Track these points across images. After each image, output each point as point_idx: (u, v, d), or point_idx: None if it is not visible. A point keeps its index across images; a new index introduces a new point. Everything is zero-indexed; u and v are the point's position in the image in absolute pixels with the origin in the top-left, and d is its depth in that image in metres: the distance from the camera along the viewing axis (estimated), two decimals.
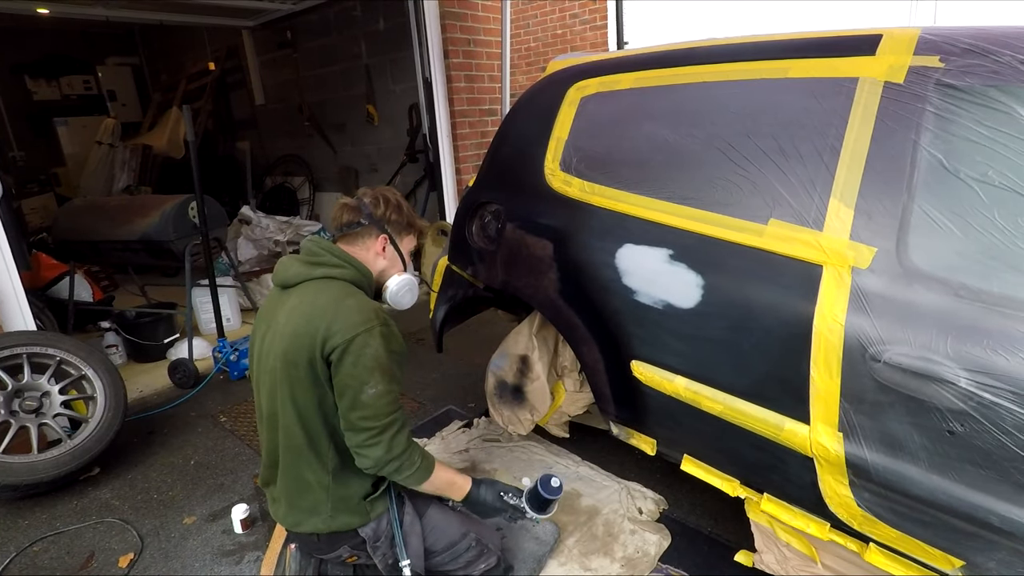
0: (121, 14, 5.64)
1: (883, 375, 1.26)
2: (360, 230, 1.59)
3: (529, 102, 2.19)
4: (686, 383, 1.67)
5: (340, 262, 1.53)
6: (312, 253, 1.54)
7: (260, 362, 1.53)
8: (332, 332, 1.38)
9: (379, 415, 1.42)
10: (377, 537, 1.56)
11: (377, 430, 1.42)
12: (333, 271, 1.51)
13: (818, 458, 1.41)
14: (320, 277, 1.50)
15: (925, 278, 1.24)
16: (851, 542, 1.50)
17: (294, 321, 1.44)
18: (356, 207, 1.59)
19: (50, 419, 2.52)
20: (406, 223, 1.65)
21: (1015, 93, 1.19)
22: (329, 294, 1.46)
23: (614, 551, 1.95)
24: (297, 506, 1.53)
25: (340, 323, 1.39)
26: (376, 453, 1.43)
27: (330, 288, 1.48)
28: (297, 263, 1.54)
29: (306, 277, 1.51)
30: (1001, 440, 1.13)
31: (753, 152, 1.52)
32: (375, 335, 1.41)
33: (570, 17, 6.94)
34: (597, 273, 1.82)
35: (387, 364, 1.43)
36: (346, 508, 1.52)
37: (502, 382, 2.39)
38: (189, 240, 3.65)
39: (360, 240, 1.60)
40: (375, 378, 1.40)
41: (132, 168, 6.78)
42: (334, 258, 1.53)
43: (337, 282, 1.50)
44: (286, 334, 1.44)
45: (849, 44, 1.43)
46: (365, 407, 1.41)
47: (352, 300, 1.45)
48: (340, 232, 1.60)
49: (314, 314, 1.42)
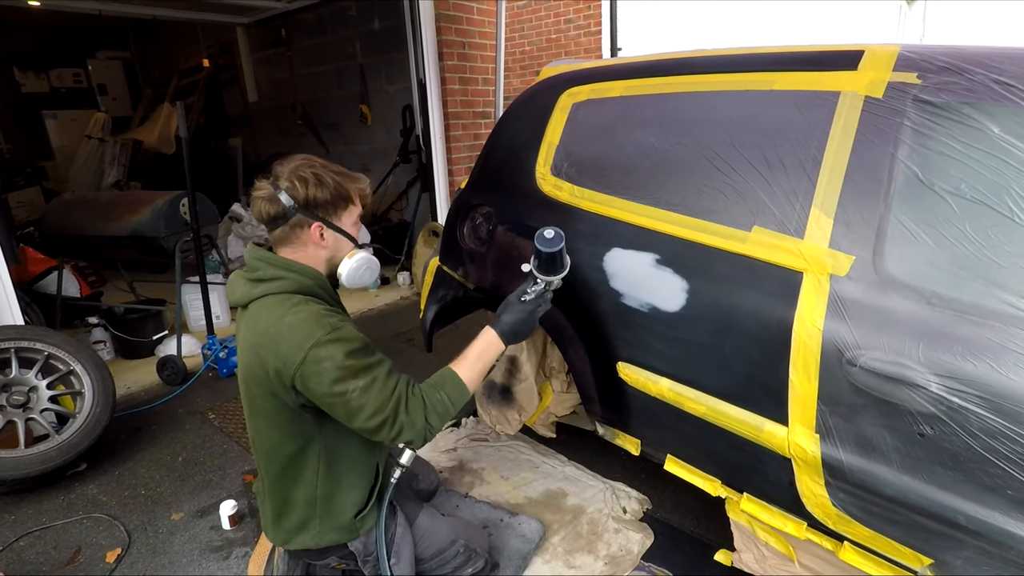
0: (114, 8, 5.62)
1: (858, 379, 1.30)
2: (289, 223, 1.40)
3: (522, 107, 2.22)
4: (670, 385, 1.70)
5: (278, 273, 1.39)
6: (251, 268, 1.42)
7: (239, 383, 1.49)
8: (282, 360, 1.30)
9: (379, 408, 1.33)
10: (368, 552, 1.56)
11: (387, 420, 1.34)
12: (271, 286, 1.38)
13: (796, 459, 1.45)
14: (261, 296, 1.39)
15: (900, 286, 1.28)
16: (827, 541, 1.54)
17: (247, 354, 1.37)
18: (272, 197, 1.38)
19: (37, 414, 2.52)
20: (336, 196, 1.43)
21: (988, 111, 1.23)
22: (268, 317, 1.35)
23: (598, 549, 1.99)
24: (285, 526, 1.52)
25: (285, 348, 1.30)
26: (406, 435, 1.36)
27: (270, 309, 1.36)
28: (242, 281, 1.43)
29: (249, 298, 1.40)
30: (968, 443, 1.18)
31: (738, 161, 1.56)
32: (325, 346, 1.30)
33: (565, 22, 6.99)
34: (585, 276, 1.86)
35: (352, 364, 1.32)
36: (335, 526, 1.51)
37: (491, 382, 2.42)
38: (180, 237, 3.65)
39: (294, 235, 1.42)
40: (349, 383, 1.31)
41: (122, 163, 6.75)
42: (272, 269, 1.40)
43: (276, 298, 1.38)
44: (244, 367, 1.40)
45: (832, 59, 1.48)
46: (360, 411, 1.32)
47: (291, 317, 1.33)
48: (270, 230, 1.43)
49: (259, 343, 1.34)
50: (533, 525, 2.07)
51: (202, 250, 3.53)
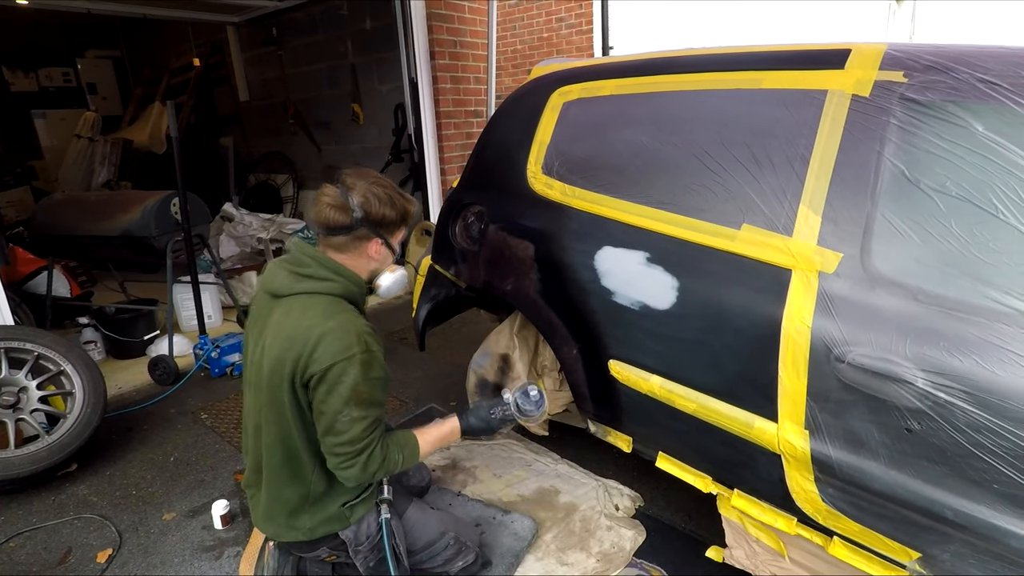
0: (103, 6, 5.58)
1: (847, 375, 1.31)
2: (352, 235, 1.46)
3: (513, 106, 2.22)
4: (661, 382, 1.71)
5: (327, 275, 1.45)
6: (299, 263, 1.46)
7: (249, 370, 1.52)
8: (312, 359, 1.35)
9: (353, 440, 1.40)
10: (359, 541, 1.58)
11: (352, 454, 1.41)
12: (320, 285, 1.44)
13: (785, 455, 1.46)
14: (305, 292, 1.43)
15: (887, 283, 1.29)
16: (816, 536, 1.56)
17: (278, 343, 1.40)
18: (343, 207, 1.42)
19: (27, 415, 2.50)
20: (399, 218, 1.51)
21: (972, 109, 1.25)
22: (313, 315, 1.39)
23: (590, 546, 2.00)
24: (277, 520, 1.54)
25: (321, 350, 1.35)
26: (353, 473, 1.43)
27: (315, 307, 1.41)
28: (284, 273, 1.47)
29: (292, 291, 1.44)
30: (955, 437, 1.19)
31: (728, 159, 1.57)
32: (354, 363, 1.36)
33: (556, 21, 7.00)
34: (577, 274, 1.87)
35: (364, 391, 1.38)
36: (326, 519, 1.54)
37: (483, 380, 2.42)
38: (171, 236, 3.63)
39: (352, 245, 1.48)
40: (349, 407, 1.37)
41: (112, 163, 6.70)
42: (322, 269, 1.45)
43: (323, 298, 1.43)
44: (271, 356, 1.41)
45: (819, 58, 1.49)
46: (339, 433, 1.39)
47: (335, 322, 1.38)
48: (327, 234, 1.47)
49: (296, 337, 1.37)
50: (526, 523, 2.08)
51: (193, 250, 3.51)
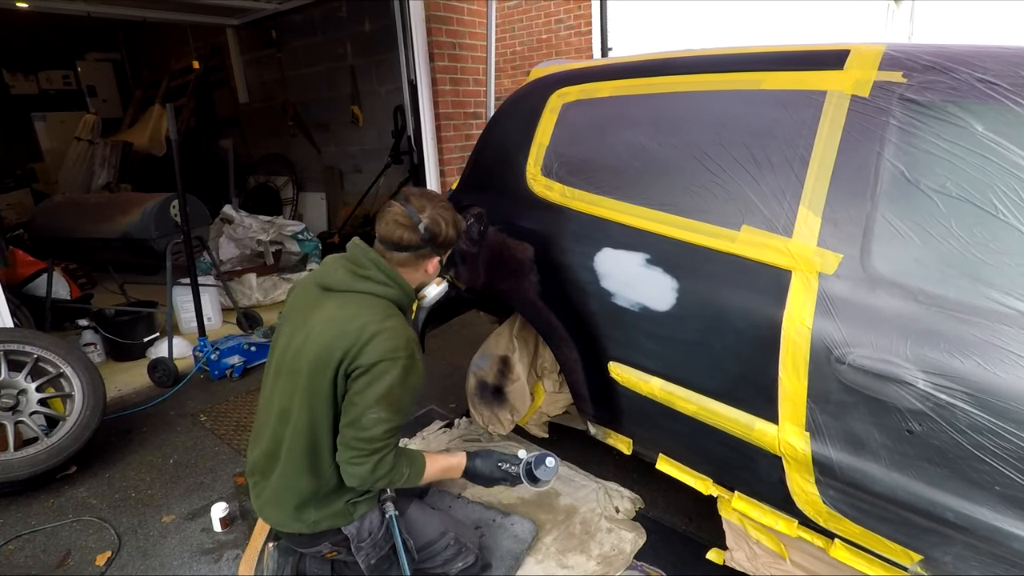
0: (103, 9, 5.58)
1: (847, 377, 1.31)
2: (417, 252, 1.57)
3: (512, 107, 2.22)
4: (661, 384, 1.71)
5: (387, 280, 1.53)
6: (359, 264, 1.54)
7: (284, 355, 1.54)
8: (363, 351, 1.41)
9: (373, 439, 1.44)
10: (361, 538, 1.59)
11: (366, 452, 1.45)
12: (377, 288, 1.52)
13: (786, 457, 1.46)
14: (363, 292, 1.51)
15: (887, 284, 1.29)
16: (817, 538, 1.55)
17: (330, 332, 1.45)
18: (413, 227, 1.53)
19: (26, 417, 2.49)
20: (457, 238, 1.64)
21: (972, 109, 1.25)
22: (370, 313, 1.46)
23: (591, 549, 1.99)
24: (284, 508, 1.54)
25: (372, 345, 1.41)
26: (361, 471, 1.46)
27: (372, 306, 1.48)
28: (343, 270, 1.54)
29: (349, 288, 1.51)
30: (956, 439, 1.19)
31: (727, 160, 1.57)
32: (399, 365, 1.43)
33: (555, 22, 7.00)
34: (576, 276, 1.86)
35: (398, 395, 1.45)
36: (331, 513, 1.55)
37: (483, 382, 2.42)
38: (171, 239, 3.62)
39: (415, 261, 1.59)
40: (382, 405, 1.43)
41: (112, 165, 6.69)
42: (381, 274, 1.53)
43: (379, 300, 1.51)
44: (320, 343, 1.45)
45: (818, 58, 1.49)
46: (363, 428, 1.43)
47: (390, 324, 1.45)
48: (392, 250, 1.56)
49: (350, 331, 1.43)
50: (526, 525, 2.08)
51: (193, 252, 3.51)
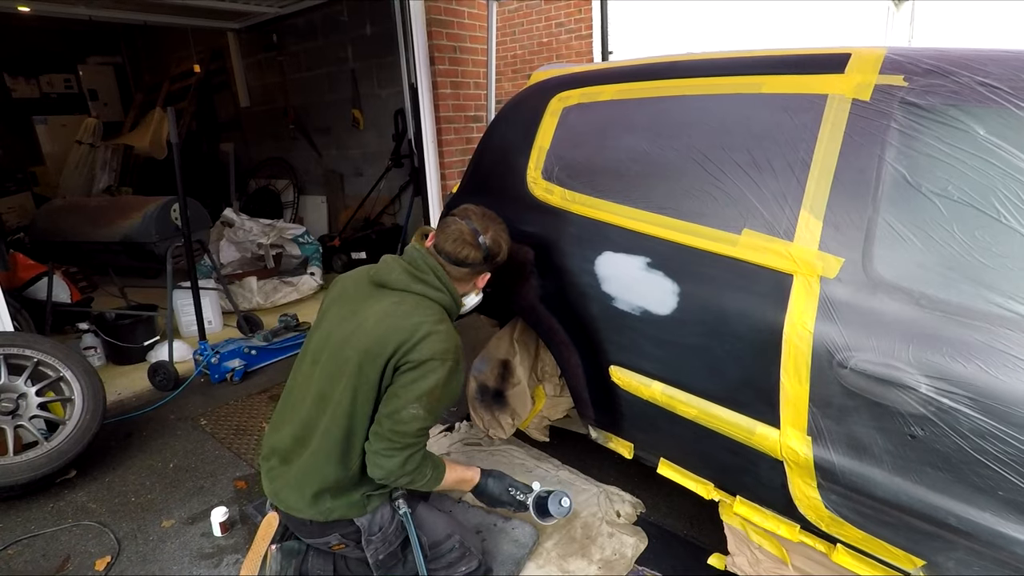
0: (105, 13, 5.59)
1: (849, 381, 1.30)
2: (475, 269, 1.68)
3: (512, 111, 2.22)
4: (662, 388, 1.70)
5: (442, 287, 1.63)
6: (418, 268, 1.63)
7: (326, 342, 1.58)
8: (416, 347, 1.47)
9: (407, 434, 1.50)
10: (372, 531, 1.61)
11: (400, 446, 1.50)
12: (432, 292, 1.61)
13: (788, 461, 1.45)
14: (418, 293, 1.59)
15: (889, 288, 1.29)
16: (819, 543, 1.54)
17: (386, 325, 1.51)
18: (477, 246, 1.65)
19: (26, 421, 2.49)
20: (507, 257, 1.76)
21: (973, 113, 1.24)
22: (426, 314, 1.54)
23: (592, 553, 1.98)
24: (303, 493, 1.55)
25: (426, 344, 1.48)
26: (390, 465, 1.50)
27: (426, 308, 1.57)
28: (400, 270, 1.63)
29: (405, 288, 1.60)
30: (959, 444, 1.18)
31: (728, 164, 1.57)
32: (446, 367, 1.50)
33: (556, 26, 7.01)
34: (577, 280, 1.86)
35: (439, 396, 1.51)
36: (346, 503, 1.57)
37: (484, 386, 2.42)
38: (171, 242, 3.62)
39: (470, 277, 1.70)
40: (422, 402, 1.48)
41: (113, 168, 6.70)
42: (437, 281, 1.62)
43: (433, 304, 1.60)
44: (373, 335, 1.50)
45: (819, 62, 1.49)
46: (400, 422, 1.48)
47: (443, 327, 1.53)
48: (452, 263, 1.65)
49: (406, 327, 1.50)
50: (527, 530, 2.07)
51: (193, 255, 3.51)
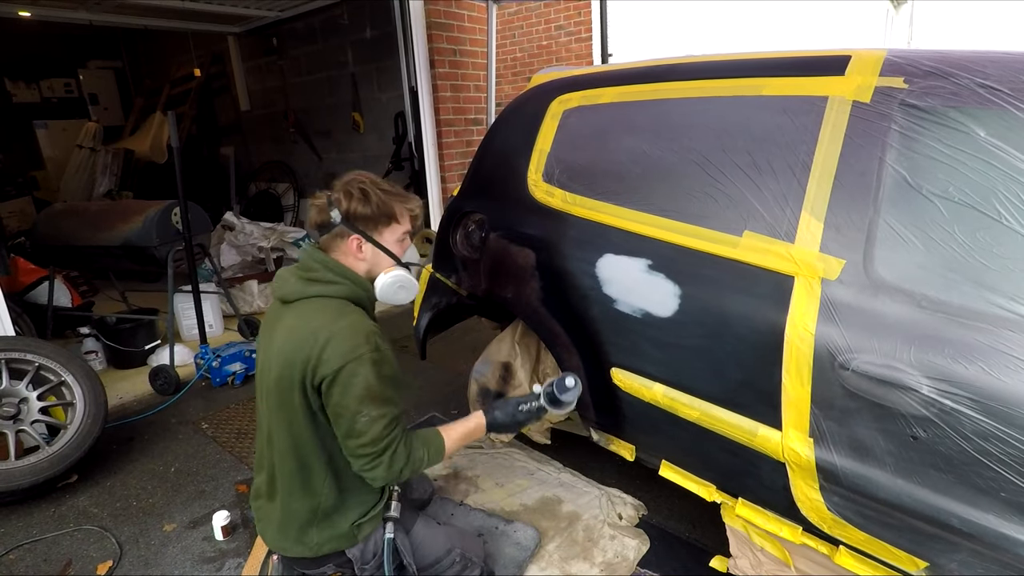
0: (105, 18, 5.61)
1: (851, 382, 1.30)
2: (334, 232, 1.49)
3: (513, 114, 2.23)
4: (664, 390, 1.70)
5: (334, 278, 1.47)
6: (307, 268, 1.48)
7: (261, 377, 1.51)
8: (321, 360, 1.35)
9: (375, 440, 1.40)
10: (365, 560, 1.56)
11: (375, 454, 1.41)
12: (327, 288, 1.46)
13: (790, 463, 1.45)
14: (315, 296, 1.45)
15: (890, 289, 1.29)
16: (822, 545, 1.54)
17: (288, 346, 1.40)
18: (323, 207, 1.48)
19: (28, 425, 2.49)
20: (378, 212, 1.49)
21: (973, 114, 1.25)
22: (322, 317, 1.40)
23: (594, 556, 1.98)
24: (286, 533, 1.52)
25: (330, 351, 1.35)
26: (379, 474, 1.43)
27: (324, 309, 1.43)
28: (294, 278, 1.49)
29: (302, 295, 1.46)
30: (961, 445, 1.18)
31: (729, 166, 1.57)
32: (364, 363, 1.37)
33: (555, 29, 7.03)
34: (578, 282, 1.86)
35: (378, 390, 1.39)
36: (334, 536, 1.52)
37: (485, 389, 2.42)
38: (172, 246, 3.62)
39: (335, 243, 1.51)
40: (366, 406, 1.37)
41: (113, 172, 6.71)
42: (328, 273, 1.47)
43: (332, 301, 1.45)
44: (280, 360, 1.41)
45: (820, 64, 1.49)
46: (360, 435, 1.39)
47: (344, 323, 1.39)
48: (319, 235, 1.51)
49: (305, 340, 1.38)
50: (528, 532, 2.07)
51: (194, 259, 3.51)
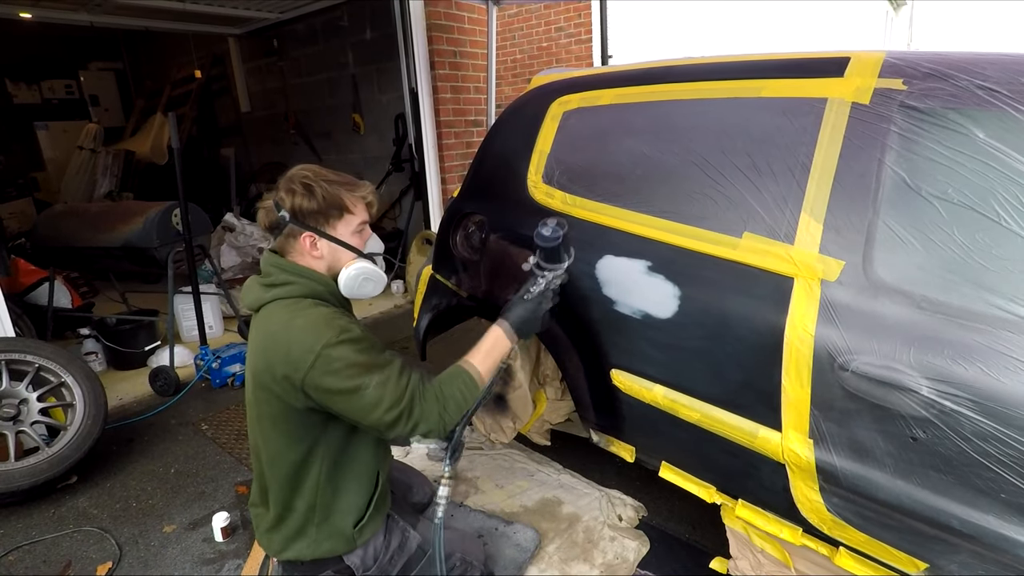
0: (106, 20, 5.61)
1: (851, 384, 1.30)
2: (285, 233, 1.42)
3: (513, 115, 2.23)
4: (664, 391, 1.70)
5: (288, 278, 1.41)
6: (265, 274, 1.45)
7: (245, 390, 1.51)
8: (292, 364, 1.31)
9: (396, 400, 1.33)
10: (367, 566, 1.53)
11: (405, 412, 1.34)
12: (283, 291, 1.40)
13: (790, 464, 1.45)
14: (272, 300, 1.40)
15: (889, 290, 1.29)
16: (822, 546, 1.54)
17: (256, 356, 1.38)
18: (271, 208, 1.41)
19: (28, 427, 2.49)
20: (325, 206, 1.41)
21: (972, 116, 1.25)
22: (279, 321, 1.36)
23: (594, 557, 1.98)
24: (282, 533, 1.50)
25: (296, 351, 1.30)
26: (424, 427, 1.36)
27: (280, 313, 1.38)
28: (256, 286, 1.45)
29: (262, 301, 1.42)
30: (960, 446, 1.18)
31: (728, 168, 1.57)
32: (335, 348, 1.31)
33: (555, 30, 7.03)
34: (578, 283, 1.86)
35: (365, 359, 1.33)
36: (332, 533, 1.49)
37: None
38: (172, 247, 3.63)
39: (288, 244, 1.44)
40: (363, 379, 1.31)
41: (114, 174, 6.72)
42: (283, 274, 1.41)
43: (288, 301, 1.39)
44: (251, 370, 1.41)
45: (819, 66, 1.50)
46: (377, 405, 1.32)
47: (301, 320, 1.34)
48: (273, 238, 1.44)
49: (269, 347, 1.35)
50: (528, 534, 2.07)
51: (195, 260, 3.51)
